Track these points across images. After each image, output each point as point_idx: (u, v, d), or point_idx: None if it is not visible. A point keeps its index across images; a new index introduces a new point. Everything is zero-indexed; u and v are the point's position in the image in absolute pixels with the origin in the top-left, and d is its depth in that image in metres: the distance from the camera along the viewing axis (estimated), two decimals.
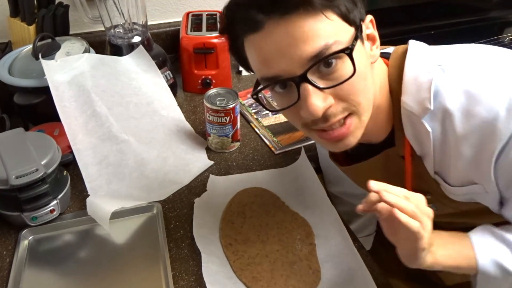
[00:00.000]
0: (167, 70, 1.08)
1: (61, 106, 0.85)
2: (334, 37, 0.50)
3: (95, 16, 1.09)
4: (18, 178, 0.69)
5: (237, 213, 0.78)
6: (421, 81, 0.55)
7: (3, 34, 1.09)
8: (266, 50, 0.51)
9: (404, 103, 0.57)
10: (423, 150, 0.58)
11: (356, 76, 0.51)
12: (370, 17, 0.57)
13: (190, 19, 1.16)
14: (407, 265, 0.58)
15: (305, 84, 0.51)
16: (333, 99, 0.52)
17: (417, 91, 0.55)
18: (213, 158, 0.92)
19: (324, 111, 0.52)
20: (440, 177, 0.60)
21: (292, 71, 0.51)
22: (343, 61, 0.51)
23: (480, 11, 1.55)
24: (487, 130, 0.52)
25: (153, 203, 0.80)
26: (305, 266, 0.70)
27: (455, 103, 0.53)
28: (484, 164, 0.53)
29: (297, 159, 0.90)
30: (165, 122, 0.98)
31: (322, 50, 0.49)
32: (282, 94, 0.55)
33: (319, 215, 0.79)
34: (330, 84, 0.51)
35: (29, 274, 0.69)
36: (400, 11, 1.45)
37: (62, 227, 0.77)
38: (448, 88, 0.54)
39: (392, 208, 0.50)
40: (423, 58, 0.58)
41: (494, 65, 0.56)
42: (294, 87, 0.52)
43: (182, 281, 0.68)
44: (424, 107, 0.54)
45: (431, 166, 0.59)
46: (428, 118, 0.55)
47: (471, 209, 0.69)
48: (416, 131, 0.57)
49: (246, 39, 0.54)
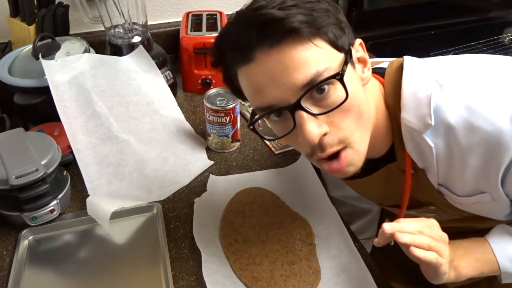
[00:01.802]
0: (167, 70, 1.08)
1: (61, 106, 0.85)
2: (324, 64, 0.50)
3: (95, 16, 1.10)
4: (18, 178, 0.69)
5: (237, 213, 0.78)
6: (420, 97, 0.56)
7: (3, 34, 1.09)
8: (259, 79, 0.52)
9: (404, 120, 0.57)
10: (426, 164, 0.58)
11: (348, 101, 0.51)
12: (359, 41, 0.58)
13: (190, 19, 1.16)
14: (431, 282, 0.60)
15: (300, 111, 0.51)
16: (328, 127, 0.53)
17: (416, 107, 0.56)
18: (213, 158, 0.92)
19: (320, 139, 0.52)
20: (446, 188, 0.60)
21: (286, 99, 0.51)
22: (335, 87, 0.52)
23: (480, 11, 1.55)
24: (493, 143, 0.52)
25: (153, 203, 0.80)
26: (305, 266, 0.70)
27: (457, 118, 0.53)
28: (492, 175, 0.54)
29: (297, 159, 0.90)
30: (165, 122, 0.98)
31: (314, 78, 0.50)
32: (278, 122, 0.56)
33: (319, 215, 0.79)
34: (324, 110, 0.52)
35: (29, 274, 0.69)
36: (400, 11, 1.44)
37: (62, 227, 0.77)
38: (448, 103, 0.54)
39: (408, 246, 0.52)
40: (420, 73, 0.58)
41: (491, 76, 0.56)
42: (289, 115, 0.52)
43: (182, 281, 0.68)
44: (425, 122, 0.55)
45: (435, 179, 0.59)
46: (429, 134, 0.55)
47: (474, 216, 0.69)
48: (417, 146, 0.57)
49: (239, 70, 0.55)
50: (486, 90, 0.54)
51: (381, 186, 0.68)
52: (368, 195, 0.76)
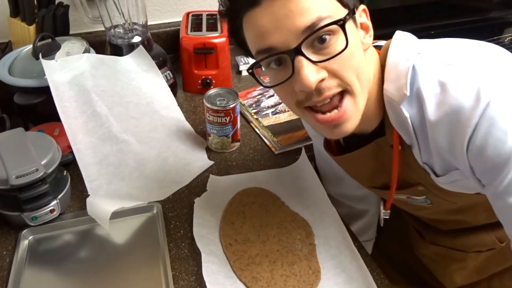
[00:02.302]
0: (167, 70, 1.08)
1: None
2: (328, 12, 0.51)
3: (95, 16, 1.10)
4: (18, 178, 0.69)
5: (237, 213, 0.78)
6: (400, 69, 0.56)
7: (3, 34, 1.09)
8: (262, 23, 0.52)
9: (385, 91, 0.58)
10: (409, 137, 0.59)
11: (348, 52, 0.52)
12: (363, 7, 0.58)
13: (190, 19, 1.16)
14: None
15: (299, 57, 0.52)
16: (326, 73, 0.53)
17: (396, 78, 0.56)
18: (213, 158, 0.92)
19: (317, 84, 0.52)
20: (429, 167, 0.61)
21: (287, 44, 0.52)
22: (337, 37, 0.52)
23: (480, 11, 1.55)
24: (455, 119, 0.52)
25: (153, 203, 0.80)
26: (305, 266, 0.70)
27: (429, 91, 0.54)
28: (458, 153, 0.54)
29: (297, 159, 0.90)
30: (165, 122, 0.98)
31: (315, 22, 0.50)
32: (277, 71, 0.56)
33: (319, 215, 0.79)
34: (323, 58, 0.52)
35: (29, 274, 0.69)
36: (400, 11, 1.45)
37: (62, 227, 0.77)
38: (424, 75, 0.55)
39: None
40: (405, 46, 0.59)
41: (471, 55, 0.56)
42: (289, 63, 0.53)
43: (182, 281, 0.68)
44: (401, 93, 0.55)
45: (419, 155, 0.60)
46: (406, 105, 0.56)
47: (466, 205, 0.70)
48: (398, 118, 0.58)
49: (245, 18, 0.55)
50: (460, 68, 0.54)
51: (370, 163, 0.68)
52: (358, 175, 0.76)
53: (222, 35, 1.08)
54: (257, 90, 1.14)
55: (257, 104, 1.08)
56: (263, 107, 1.07)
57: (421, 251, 0.88)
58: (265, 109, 1.06)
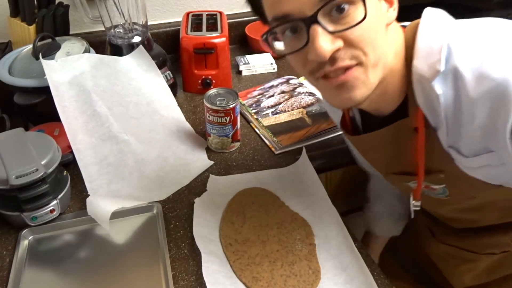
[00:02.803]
0: (167, 70, 1.08)
1: (61, 106, 0.85)
2: None
3: (95, 16, 1.10)
4: (18, 178, 0.69)
5: (237, 213, 0.78)
6: (433, 44, 0.54)
7: (3, 34, 1.09)
8: None
9: (415, 67, 0.55)
10: (436, 118, 0.56)
11: (367, 24, 0.50)
12: None
13: (190, 19, 1.16)
14: None
15: (315, 25, 0.50)
16: (342, 42, 0.51)
17: (428, 54, 0.54)
18: (213, 158, 0.92)
19: (331, 54, 0.51)
20: (455, 150, 0.58)
21: (303, 11, 0.51)
22: (356, 7, 0.50)
23: (480, 11, 1.55)
24: (500, 95, 0.50)
25: (153, 203, 0.80)
26: (305, 266, 0.70)
27: (467, 66, 0.52)
28: (500, 132, 0.51)
29: (297, 159, 0.90)
30: (165, 122, 0.98)
31: None
32: (292, 39, 0.54)
33: (319, 215, 0.79)
34: (340, 28, 0.51)
35: (29, 274, 0.69)
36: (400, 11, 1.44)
37: (62, 227, 0.77)
38: (460, 52, 0.53)
39: None
40: (437, 22, 0.57)
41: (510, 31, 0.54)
42: (304, 31, 0.51)
43: (182, 281, 0.68)
44: (434, 69, 0.53)
45: (445, 137, 0.57)
46: (438, 81, 0.53)
47: (483, 202, 0.67)
48: (427, 97, 0.55)
49: None
50: (501, 42, 0.52)
51: (388, 147, 0.65)
52: (374, 159, 0.73)
53: (222, 35, 1.09)
54: (257, 90, 1.14)
55: (257, 104, 1.08)
56: (263, 107, 1.06)
57: (431, 250, 0.86)
58: (265, 109, 1.06)
